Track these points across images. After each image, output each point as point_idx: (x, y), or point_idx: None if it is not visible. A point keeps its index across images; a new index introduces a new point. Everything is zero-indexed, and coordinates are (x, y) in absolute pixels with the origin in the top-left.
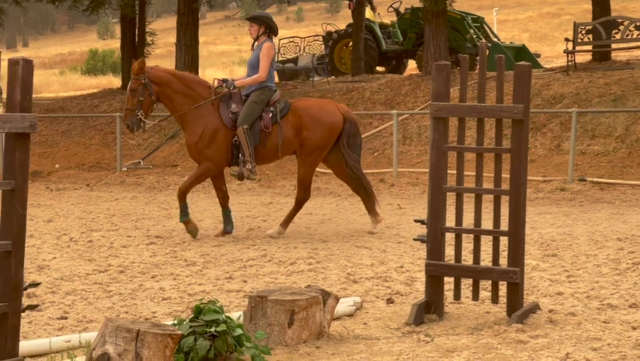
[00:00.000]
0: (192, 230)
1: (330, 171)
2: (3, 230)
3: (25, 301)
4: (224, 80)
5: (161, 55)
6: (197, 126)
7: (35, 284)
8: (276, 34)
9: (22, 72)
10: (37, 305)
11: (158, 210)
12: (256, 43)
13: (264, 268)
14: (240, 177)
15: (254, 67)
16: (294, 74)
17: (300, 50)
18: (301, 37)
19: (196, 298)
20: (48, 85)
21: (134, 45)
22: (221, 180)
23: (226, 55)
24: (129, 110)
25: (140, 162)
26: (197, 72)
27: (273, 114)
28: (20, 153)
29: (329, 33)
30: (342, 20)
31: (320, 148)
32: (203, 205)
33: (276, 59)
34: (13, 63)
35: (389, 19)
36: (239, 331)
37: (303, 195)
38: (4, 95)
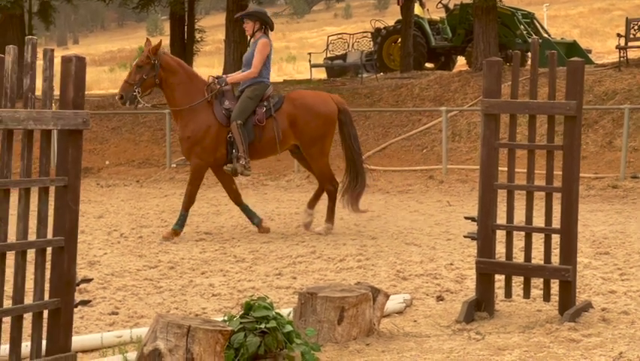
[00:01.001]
0: (168, 237)
1: (374, 167)
2: (56, 226)
3: (77, 297)
4: (218, 77)
5: (210, 52)
6: (191, 122)
7: (87, 280)
8: (272, 29)
9: (74, 69)
10: (89, 301)
11: (207, 207)
12: (252, 40)
13: (313, 265)
14: (234, 172)
15: (249, 63)
16: (343, 70)
17: (348, 47)
18: (350, 34)
19: (245, 295)
20: (98, 82)
21: (184, 42)
22: (228, 179)
23: (274, 52)
24: (128, 84)
25: None
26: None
27: (267, 109)
28: (73, 150)
29: (378, 29)
30: (391, 17)
31: (320, 137)
32: (252, 202)
33: (272, 54)
34: (66, 60)
35: (438, 15)
36: (289, 327)
37: (330, 187)
38: (57, 92)
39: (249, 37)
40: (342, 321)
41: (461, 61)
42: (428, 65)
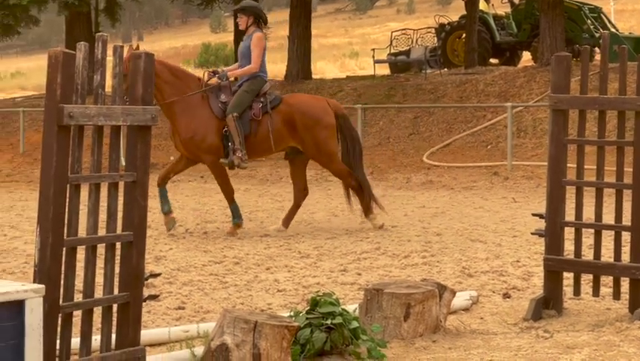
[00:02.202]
0: (232, 233)
1: (438, 163)
2: (125, 221)
3: (145, 292)
4: (215, 72)
5: (273, 48)
6: (189, 122)
7: (155, 275)
8: (265, 24)
9: (143, 65)
10: (157, 295)
11: (271, 203)
12: (246, 34)
13: (378, 261)
14: (231, 165)
15: (245, 56)
16: (406, 66)
17: (412, 42)
18: (413, 30)
19: (311, 291)
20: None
21: None
22: (181, 168)
23: (337, 48)
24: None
25: None
26: (309, 65)
27: (263, 105)
28: (141, 146)
29: (442, 25)
30: (455, 12)
31: (324, 141)
32: (316, 198)
33: (266, 49)
34: (135, 57)
35: (503, 10)
36: (355, 324)
37: (352, 182)
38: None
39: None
40: (408, 317)
41: (526, 56)
42: (493, 60)
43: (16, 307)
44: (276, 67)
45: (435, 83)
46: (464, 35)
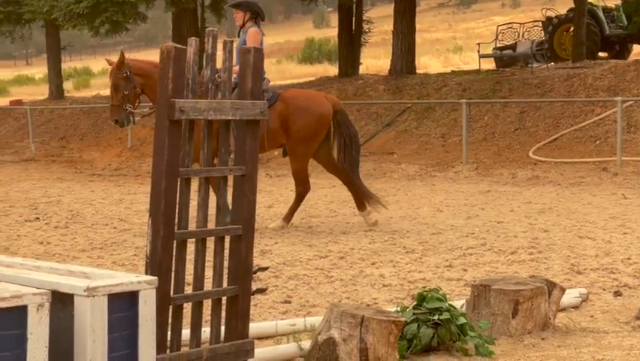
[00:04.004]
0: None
1: (544, 159)
2: (234, 215)
3: (252, 285)
4: None
5: (376, 43)
6: None
7: (263, 268)
8: (263, 20)
9: (252, 60)
10: (265, 289)
11: None
12: (242, 30)
13: (484, 257)
14: None
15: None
16: (512, 60)
17: (518, 36)
18: (520, 23)
19: (416, 286)
20: (266, 73)
21: (351, 33)
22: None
23: (440, 42)
24: (116, 106)
25: None
26: (413, 60)
27: None
28: (250, 140)
29: (549, 18)
30: (562, 5)
31: (308, 139)
32: (420, 193)
33: (263, 44)
34: (244, 51)
35: (613, 2)
36: (462, 320)
37: (302, 189)
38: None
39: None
40: (516, 314)
41: (637, 49)
42: (601, 54)
43: (131, 298)
44: (380, 62)
45: (542, 77)
46: (572, 29)
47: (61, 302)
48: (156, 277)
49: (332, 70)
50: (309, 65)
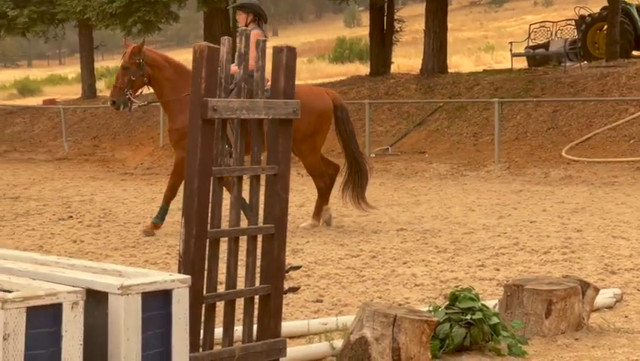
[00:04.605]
0: (148, 232)
1: (577, 158)
2: (266, 214)
3: (284, 284)
4: None
5: (407, 42)
6: (181, 114)
7: (296, 267)
8: (265, 22)
9: (285, 59)
10: (298, 288)
11: (406, 197)
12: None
13: (517, 257)
14: None
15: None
16: (545, 59)
17: (551, 35)
18: (552, 22)
19: (448, 285)
20: (297, 73)
21: (383, 32)
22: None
23: (472, 41)
24: (118, 88)
25: (388, 149)
26: (444, 59)
27: None
28: (283, 139)
29: (582, 17)
30: (595, 4)
31: (312, 134)
32: (452, 192)
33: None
34: (277, 51)
35: None
36: (495, 319)
37: (321, 183)
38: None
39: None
40: (549, 314)
41: None
42: (635, 52)
43: (164, 297)
44: (411, 61)
45: (574, 76)
46: (605, 27)
47: (96, 300)
48: (189, 276)
49: (363, 69)
50: (340, 65)
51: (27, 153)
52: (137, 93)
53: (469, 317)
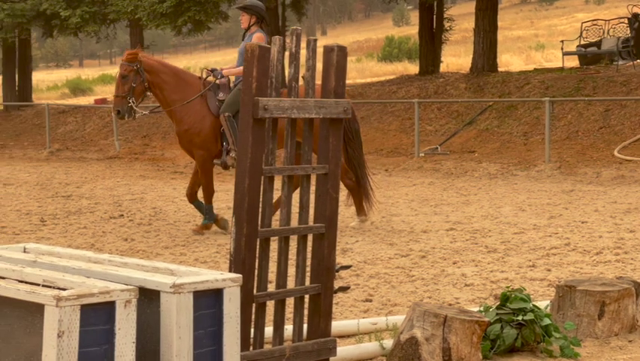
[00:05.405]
0: (223, 225)
1: (630, 158)
2: (317, 213)
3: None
4: (213, 70)
5: (457, 41)
6: (186, 116)
7: (346, 267)
8: (268, 24)
9: (336, 59)
10: (348, 287)
11: (456, 197)
12: (247, 33)
13: (568, 257)
14: (224, 166)
15: (243, 56)
16: (597, 58)
17: (603, 33)
18: (605, 20)
19: (499, 286)
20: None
21: (432, 31)
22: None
23: (522, 40)
24: (120, 97)
25: (437, 148)
26: (494, 58)
27: None
28: (333, 138)
29: (635, 15)
30: None
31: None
32: (502, 192)
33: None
34: (327, 50)
35: None
36: (547, 321)
37: (347, 181)
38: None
39: (244, 30)
40: (602, 316)
41: None
42: None
43: (216, 295)
44: (461, 60)
45: (627, 75)
46: None
47: (148, 298)
48: (240, 275)
49: (411, 68)
50: (389, 64)
51: (79, 152)
52: (139, 100)
53: (520, 317)
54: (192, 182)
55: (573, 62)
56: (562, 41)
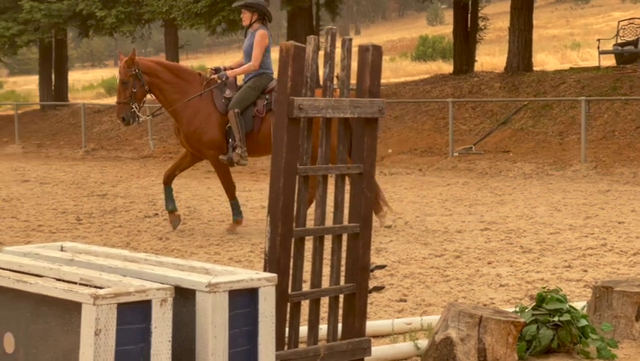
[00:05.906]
0: (232, 230)
1: None
2: (351, 213)
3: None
4: (217, 70)
5: (491, 40)
6: (193, 116)
7: (381, 266)
8: (270, 21)
9: (371, 58)
10: (383, 287)
11: (490, 196)
12: (250, 30)
13: (605, 258)
14: (230, 162)
15: (248, 54)
16: (634, 57)
17: None
18: None
19: (534, 286)
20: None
21: (466, 30)
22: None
23: (557, 39)
24: (122, 104)
25: (471, 148)
26: (529, 57)
27: (268, 102)
28: (368, 138)
29: None
30: None
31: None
32: (537, 192)
33: (270, 45)
34: (363, 50)
35: None
36: (583, 322)
37: None
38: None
39: (246, 28)
40: None
41: None
42: None
43: (251, 294)
44: (495, 59)
45: None
46: None
47: (184, 297)
48: (275, 275)
49: (445, 67)
50: (423, 63)
51: (114, 151)
52: (142, 104)
53: (556, 318)
54: (175, 166)
55: (609, 61)
56: (598, 40)
